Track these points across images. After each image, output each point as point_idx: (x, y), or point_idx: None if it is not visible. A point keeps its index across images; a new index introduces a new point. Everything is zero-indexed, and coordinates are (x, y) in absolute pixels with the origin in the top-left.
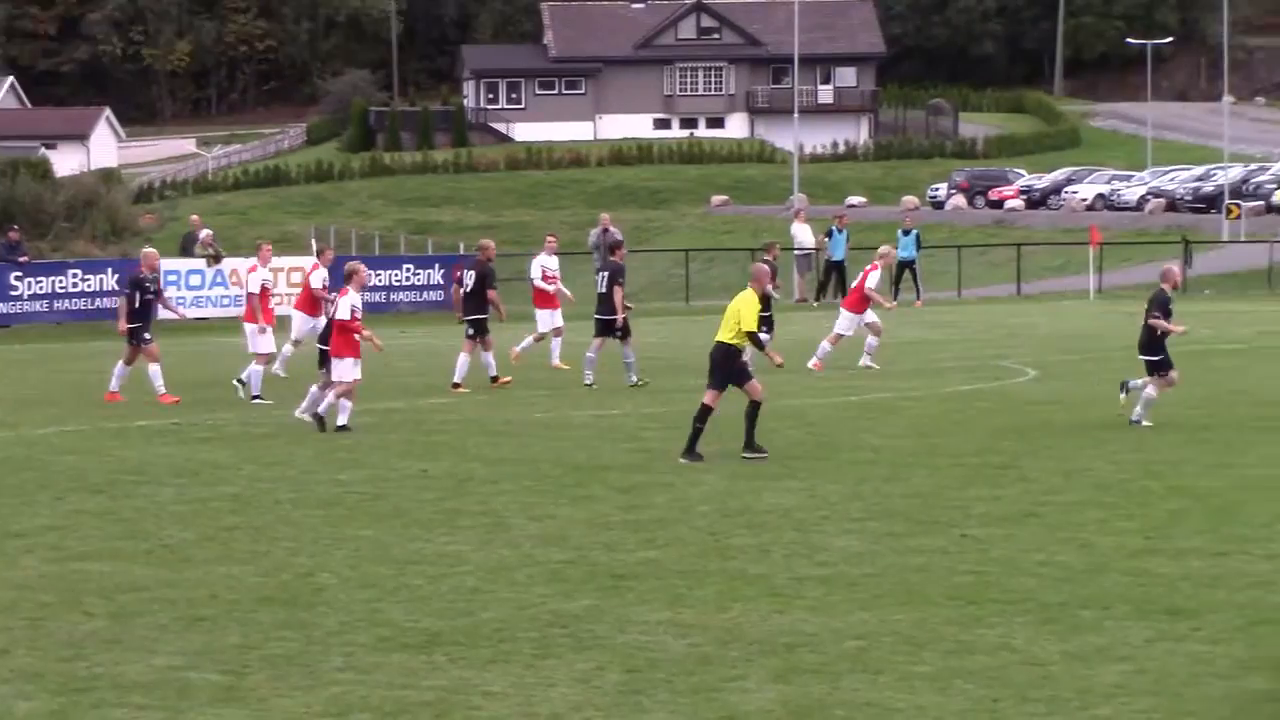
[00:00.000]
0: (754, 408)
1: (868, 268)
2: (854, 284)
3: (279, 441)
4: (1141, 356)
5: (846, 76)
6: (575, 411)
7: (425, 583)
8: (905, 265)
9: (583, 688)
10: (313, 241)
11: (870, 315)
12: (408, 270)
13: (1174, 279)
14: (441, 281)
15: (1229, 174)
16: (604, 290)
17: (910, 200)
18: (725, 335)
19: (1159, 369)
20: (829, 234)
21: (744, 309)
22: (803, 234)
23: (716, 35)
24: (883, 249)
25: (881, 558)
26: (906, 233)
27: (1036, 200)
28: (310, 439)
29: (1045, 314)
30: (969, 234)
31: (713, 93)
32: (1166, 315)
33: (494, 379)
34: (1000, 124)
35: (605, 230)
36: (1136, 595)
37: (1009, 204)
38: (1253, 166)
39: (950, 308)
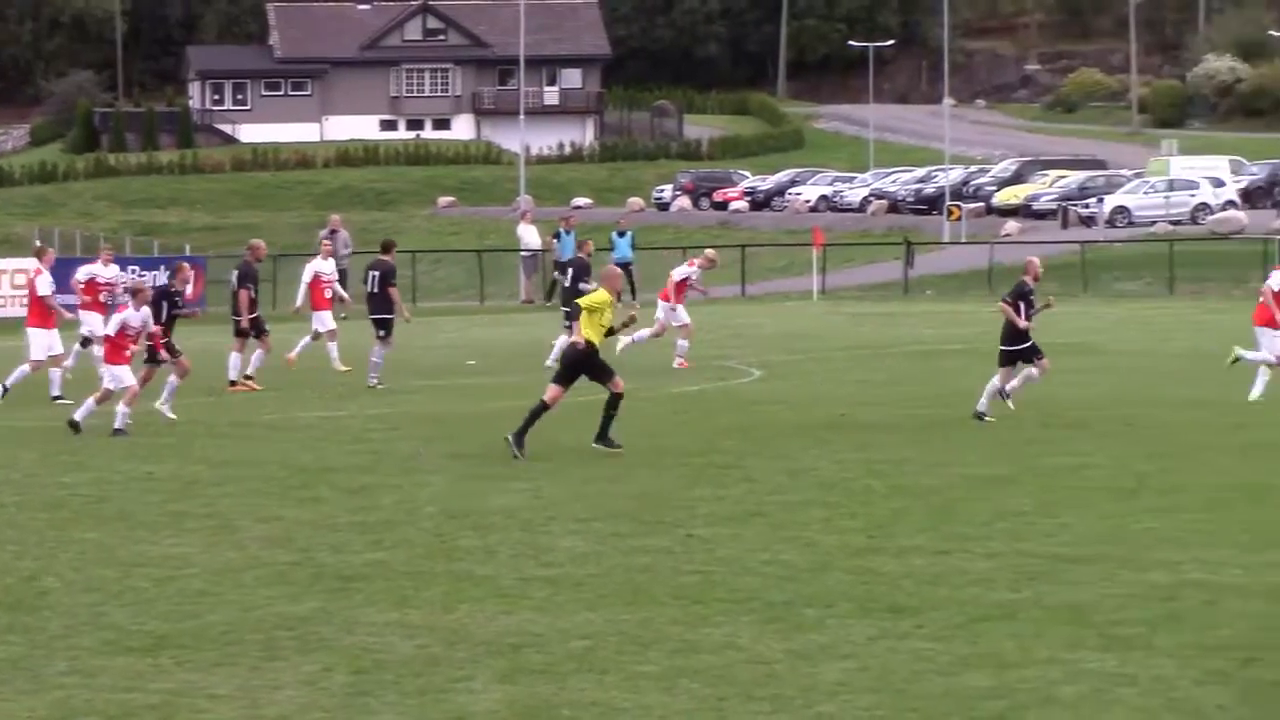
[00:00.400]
0: (614, 400)
1: (685, 264)
2: (672, 279)
3: (1, 445)
4: (1002, 347)
5: (572, 78)
6: (302, 413)
7: (151, 585)
8: (622, 267)
9: (310, 690)
10: (36, 243)
11: (683, 314)
12: (133, 272)
13: (1034, 270)
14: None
15: (950, 176)
16: (375, 290)
17: (635, 202)
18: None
19: (1031, 356)
20: (556, 235)
21: (594, 296)
22: (529, 235)
23: (443, 36)
24: (709, 251)
25: (607, 558)
26: (622, 234)
27: (761, 202)
28: (34, 443)
29: (770, 315)
30: (694, 235)
31: (439, 94)
32: (1028, 305)
33: (231, 383)
34: (725, 126)
35: (334, 231)
36: (859, 593)
37: (733, 205)
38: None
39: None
